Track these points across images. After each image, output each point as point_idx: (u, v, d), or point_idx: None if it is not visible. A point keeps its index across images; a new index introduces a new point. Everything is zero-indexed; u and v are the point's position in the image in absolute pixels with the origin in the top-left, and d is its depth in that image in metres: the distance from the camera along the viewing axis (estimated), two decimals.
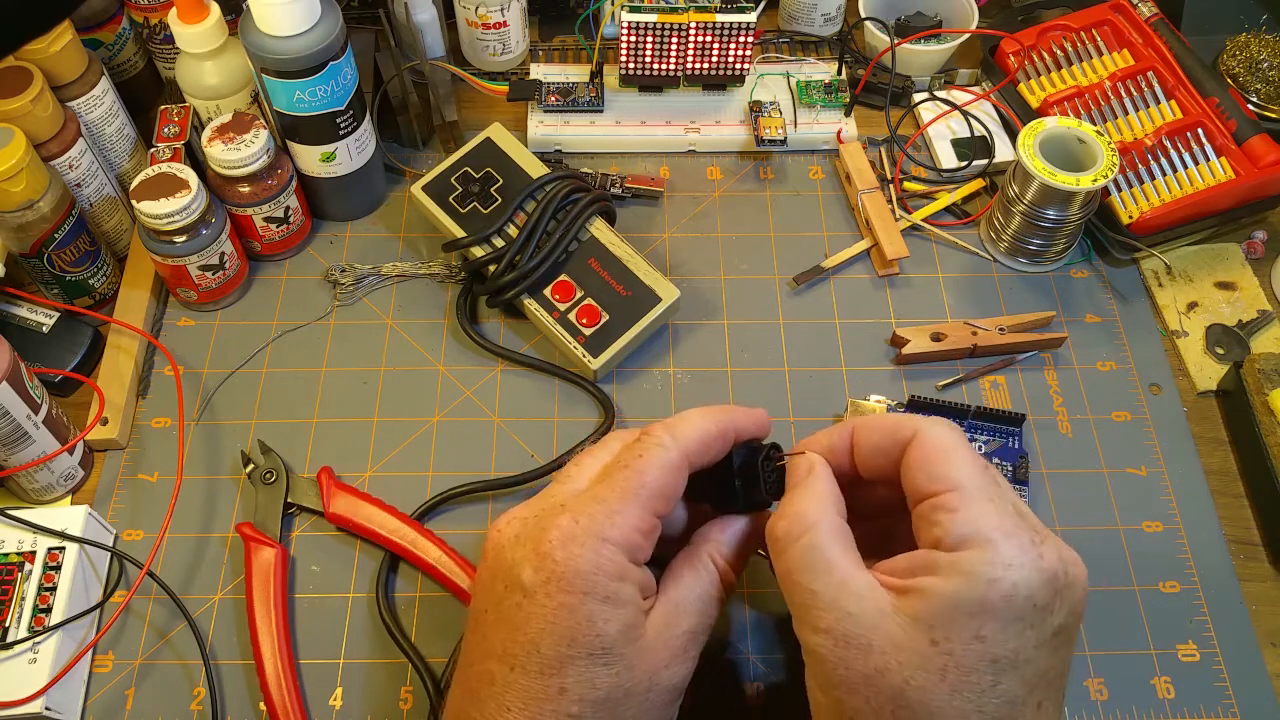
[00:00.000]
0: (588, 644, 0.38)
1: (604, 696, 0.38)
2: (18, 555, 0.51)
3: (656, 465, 0.41)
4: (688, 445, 0.42)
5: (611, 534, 0.39)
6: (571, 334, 0.61)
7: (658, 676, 0.39)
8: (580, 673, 0.38)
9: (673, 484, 0.41)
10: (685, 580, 0.42)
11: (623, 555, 0.39)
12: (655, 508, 0.41)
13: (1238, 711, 0.52)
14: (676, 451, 0.41)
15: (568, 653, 0.38)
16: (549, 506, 0.41)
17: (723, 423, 0.43)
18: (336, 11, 0.59)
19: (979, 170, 0.72)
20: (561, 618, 0.38)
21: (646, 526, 0.40)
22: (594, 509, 0.40)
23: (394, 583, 0.55)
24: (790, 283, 0.67)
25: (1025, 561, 0.37)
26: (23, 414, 0.52)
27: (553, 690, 0.38)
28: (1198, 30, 0.75)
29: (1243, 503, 0.59)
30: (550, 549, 0.39)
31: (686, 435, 0.42)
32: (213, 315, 0.65)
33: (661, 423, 0.43)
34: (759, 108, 0.73)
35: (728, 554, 0.43)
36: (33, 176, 0.56)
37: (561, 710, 0.38)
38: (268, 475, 0.57)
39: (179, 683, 0.52)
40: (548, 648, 0.38)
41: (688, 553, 0.43)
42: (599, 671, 0.38)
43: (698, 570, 0.42)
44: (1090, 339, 0.65)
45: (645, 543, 0.40)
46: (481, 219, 0.64)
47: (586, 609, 0.38)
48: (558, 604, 0.38)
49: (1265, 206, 0.68)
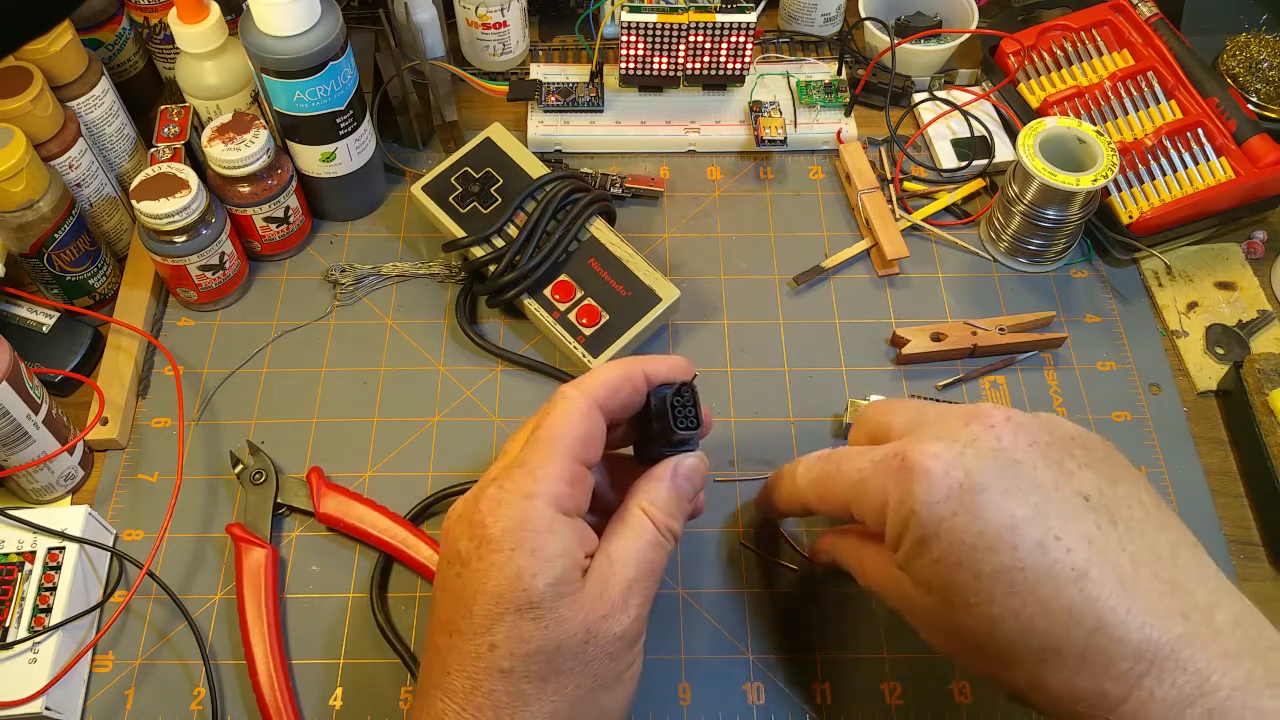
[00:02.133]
0: (514, 599, 0.39)
1: (534, 650, 0.39)
2: (18, 555, 0.51)
3: (564, 415, 0.43)
4: (593, 392, 0.44)
5: (534, 489, 0.41)
6: (571, 334, 0.61)
7: (595, 628, 0.40)
8: (509, 628, 0.39)
9: (585, 429, 0.43)
10: (616, 534, 0.43)
11: (549, 507, 0.41)
12: (575, 454, 0.42)
13: None
14: (582, 399, 0.43)
15: (496, 610, 0.39)
16: (483, 482, 0.43)
17: (628, 367, 0.46)
18: (336, 11, 0.59)
19: (979, 170, 0.72)
20: (491, 577, 0.39)
21: (569, 475, 0.42)
22: (516, 472, 0.42)
23: (390, 583, 0.55)
24: (790, 283, 0.67)
25: None
26: (23, 414, 0.52)
27: (484, 648, 0.39)
28: (1198, 30, 0.75)
29: (1243, 503, 0.59)
30: (481, 517, 0.41)
31: (590, 383, 0.44)
32: (213, 315, 0.65)
33: (570, 381, 0.45)
34: (759, 108, 0.73)
35: (659, 502, 0.44)
36: (33, 176, 0.56)
37: (493, 666, 0.39)
38: (257, 476, 0.57)
39: (179, 683, 0.52)
40: (479, 608, 0.40)
41: (620, 509, 0.45)
42: (527, 626, 0.39)
43: (628, 522, 0.44)
44: (1090, 339, 0.65)
45: (572, 491, 0.42)
46: (481, 219, 0.64)
47: (514, 565, 0.39)
48: (488, 564, 0.40)
49: (1265, 206, 0.68)
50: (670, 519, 0.44)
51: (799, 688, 0.52)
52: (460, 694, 0.40)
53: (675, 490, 0.45)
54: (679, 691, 0.52)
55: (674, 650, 0.53)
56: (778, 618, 0.54)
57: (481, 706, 0.39)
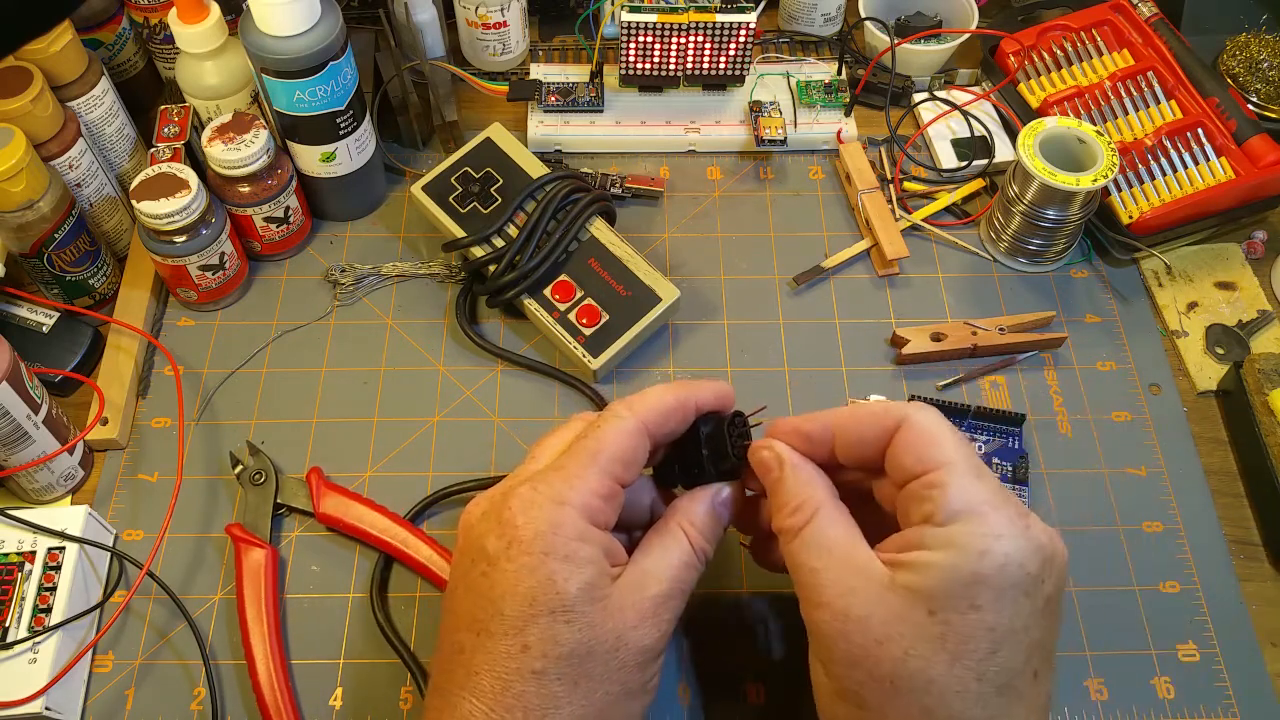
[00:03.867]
0: (548, 602, 0.39)
1: (568, 652, 0.39)
2: (18, 555, 0.51)
3: (612, 433, 0.43)
4: (645, 415, 0.43)
5: (569, 496, 0.41)
6: (571, 334, 0.61)
7: (625, 636, 0.40)
8: (543, 630, 0.39)
9: (630, 449, 0.43)
10: (654, 547, 0.43)
11: (581, 518, 0.41)
12: (614, 472, 0.42)
13: (1238, 711, 0.52)
14: (633, 420, 0.43)
15: (529, 611, 0.39)
16: (513, 483, 0.42)
17: (681, 394, 0.45)
18: (336, 11, 0.59)
19: (979, 170, 0.72)
20: (523, 578, 0.39)
21: (605, 490, 0.42)
22: (552, 477, 0.42)
23: (390, 583, 0.55)
24: (790, 283, 0.67)
25: (1014, 532, 0.38)
26: (23, 414, 0.52)
27: (516, 649, 0.39)
28: (1198, 30, 0.75)
29: (1243, 503, 0.59)
30: (511, 516, 0.40)
31: (644, 405, 0.44)
32: (213, 315, 0.65)
33: (622, 399, 0.45)
34: (759, 108, 0.73)
35: (699, 524, 0.44)
36: (33, 176, 0.56)
37: (526, 668, 0.39)
38: (256, 476, 0.57)
39: (179, 683, 0.52)
40: (510, 609, 0.39)
41: (659, 524, 0.45)
42: (561, 629, 0.39)
43: (665, 539, 0.43)
44: (1090, 339, 0.65)
45: (605, 507, 0.42)
46: (481, 219, 0.64)
47: (547, 568, 0.39)
48: (518, 565, 0.39)
49: (1265, 206, 0.68)
50: (706, 542, 0.44)
51: (799, 688, 0.52)
52: (490, 694, 0.39)
53: (714, 515, 0.45)
54: (679, 691, 0.52)
55: (675, 650, 0.53)
56: (778, 618, 0.54)
57: (512, 707, 0.39)
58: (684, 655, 0.53)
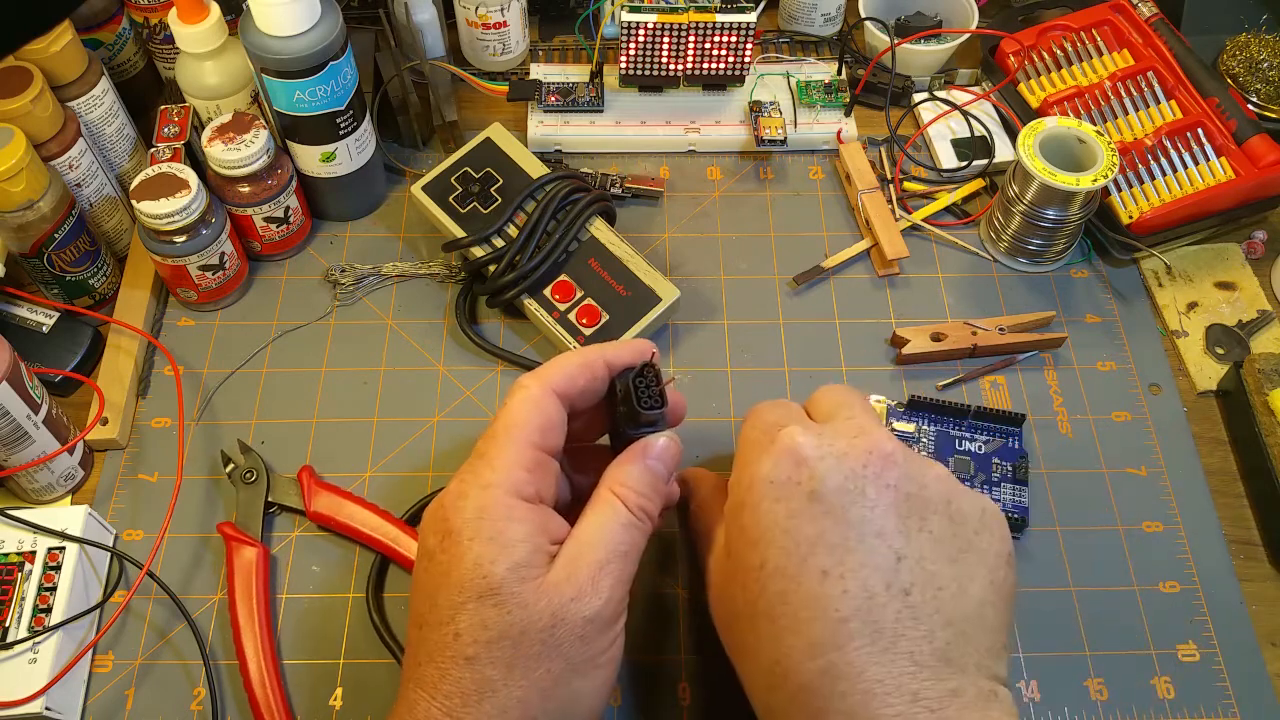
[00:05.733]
0: (474, 587, 0.40)
1: (497, 635, 0.39)
2: (18, 555, 0.51)
3: (519, 404, 0.44)
4: (550, 379, 0.45)
5: (492, 478, 0.42)
6: (571, 334, 0.61)
7: (562, 611, 0.40)
8: (470, 616, 0.40)
9: (542, 417, 0.44)
10: (588, 516, 0.43)
11: (508, 495, 0.41)
12: (532, 441, 0.43)
13: (1238, 711, 0.52)
14: (537, 387, 0.44)
15: (458, 599, 0.40)
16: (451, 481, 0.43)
17: (588, 355, 0.46)
18: (336, 11, 0.59)
19: (979, 170, 0.72)
20: (452, 568, 0.40)
21: (527, 462, 0.42)
22: (477, 464, 0.43)
23: (386, 583, 0.55)
24: (790, 283, 0.67)
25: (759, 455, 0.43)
26: (23, 414, 0.52)
27: (448, 637, 0.40)
28: (1198, 30, 0.75)
29: (1243, 503, 0.59)
30: (444, 511, 0.42)
31: (547, 372, 0.45)
32: (213, 315, 0.65)
33: (529, 371, 0.46)
34: (759, 108, 0.73)
35: (630, 482, 0.44)
36: (33, 176, 0.56)
37: (458, 654, 0.40)
38: (248, 475, 0.57)
39: (179, 683, 0.52)
40: (442, 598, 0.40)
41: (593, 494, 0.45)
42: (489, 612, 0.39)
43: (597, 504, 0.44)
44: (1090, 339, 0.65)
45: (531, 477, 0.42)
46: (481, 219, 0.64)
47: (473, 554, 0.40)
48: (450, 556, 0.41)
49: (1265, 206, 0.68)
50: (643, 499, 0.44)
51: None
52: (430, 684, 0.40)
53: (647, 470, 0.45)
54: (679, 691, 0.52)
55: (674, 650, 0.53)
56: None
57: (450, 694, 0.40)
58: (684, 655, 0.53)
